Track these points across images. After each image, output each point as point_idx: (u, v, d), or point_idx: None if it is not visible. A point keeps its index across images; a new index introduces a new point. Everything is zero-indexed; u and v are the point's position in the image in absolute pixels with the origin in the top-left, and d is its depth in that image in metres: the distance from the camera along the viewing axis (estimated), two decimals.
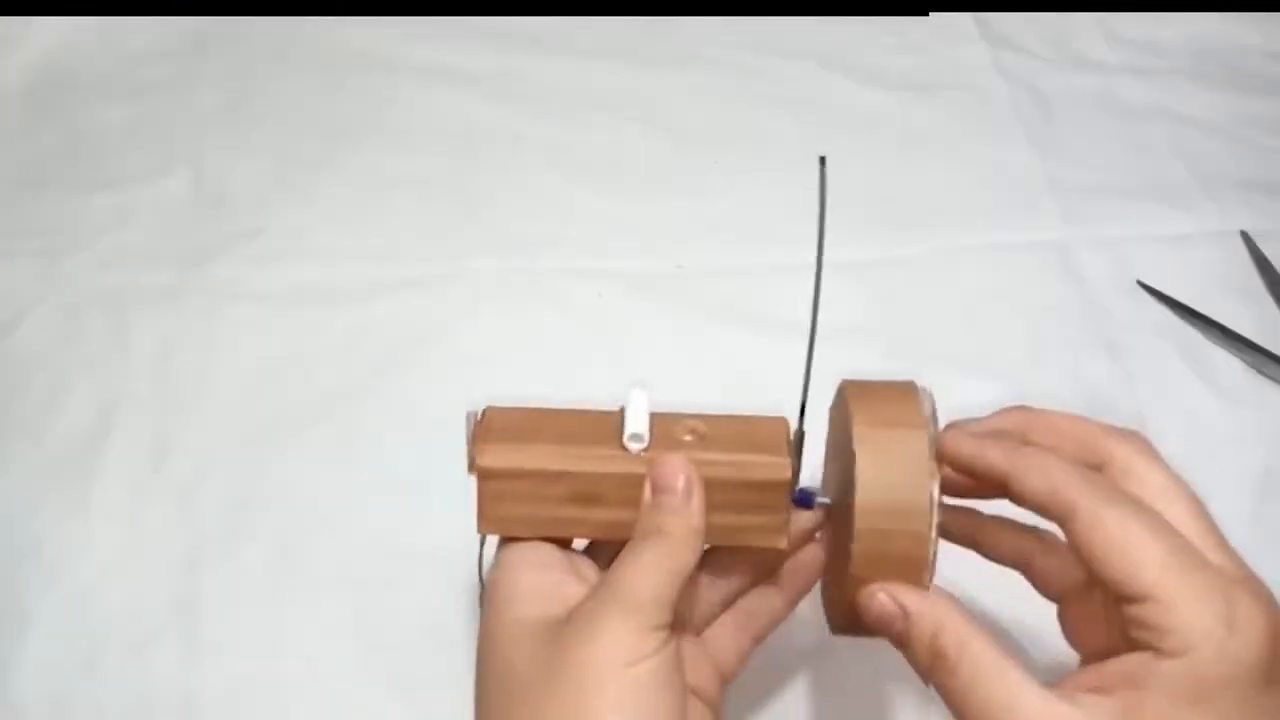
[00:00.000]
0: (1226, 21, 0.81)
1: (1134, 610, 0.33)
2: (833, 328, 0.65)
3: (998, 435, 0.39)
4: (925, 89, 0.78)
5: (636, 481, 0.38)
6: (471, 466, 0.39)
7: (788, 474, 0.38)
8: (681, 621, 0.39)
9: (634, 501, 0.38)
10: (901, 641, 0.36)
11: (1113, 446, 0.37)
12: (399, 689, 0.51)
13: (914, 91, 0.77)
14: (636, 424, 0.39)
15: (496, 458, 0.39)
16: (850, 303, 0.65)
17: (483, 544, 0.41)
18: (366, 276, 0.67)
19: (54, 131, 0.76)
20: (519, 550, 0.39)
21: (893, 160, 0.73)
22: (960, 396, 0.61)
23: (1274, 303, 0.65)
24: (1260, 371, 0.61)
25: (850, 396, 0.39)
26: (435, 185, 0.72)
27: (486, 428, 0.40)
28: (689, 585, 0.39)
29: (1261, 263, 0.66)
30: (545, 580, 0.38)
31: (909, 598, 0.36)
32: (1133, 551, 0.33)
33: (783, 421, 0.40)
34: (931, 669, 0.35)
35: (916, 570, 0.36)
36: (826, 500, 0.40)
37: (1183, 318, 0.64)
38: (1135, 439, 0.37)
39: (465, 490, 0.44)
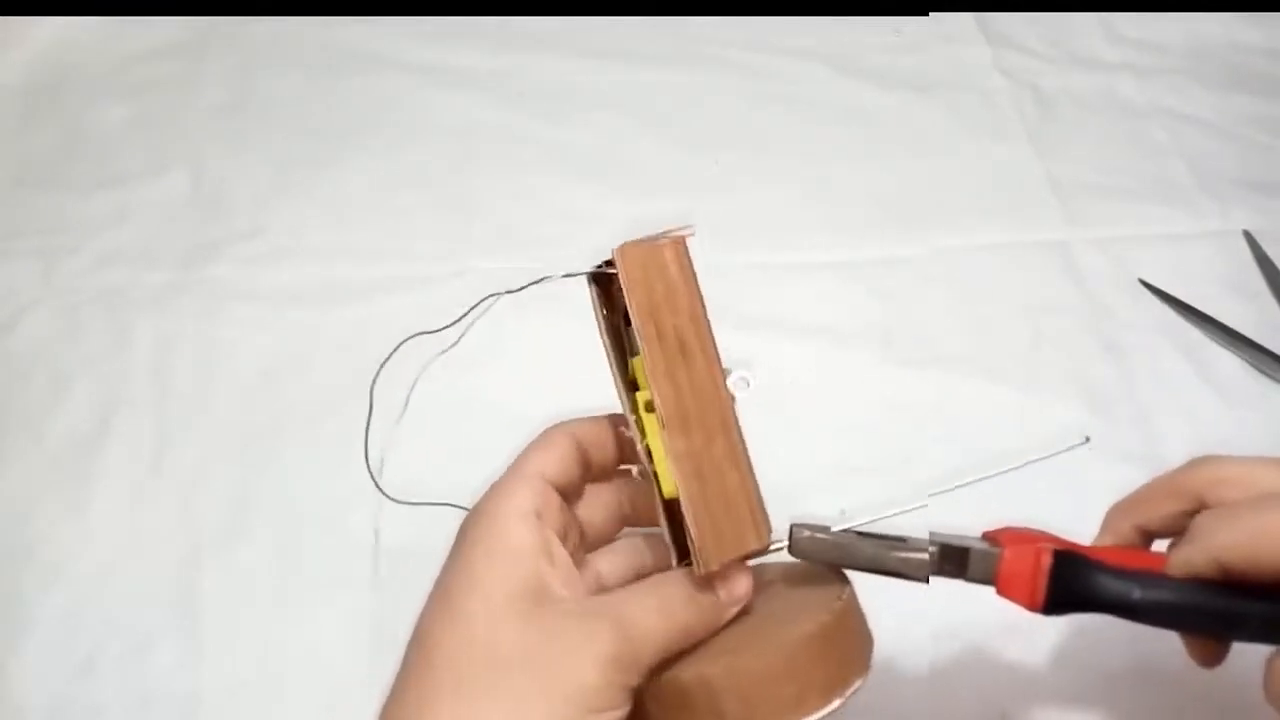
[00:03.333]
0: (1226, 21, 0.81)
1: None
2: (833, 327, 0.66)
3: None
4: (925, 89, 0.78)
5: (716, 390, 0.38)
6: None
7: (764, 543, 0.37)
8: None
9: (700, 398, 0.37)
10: None
11: (1187, 482, 0.39)
12: None
13: (914, 91, 0.77)
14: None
15: (686, 253, 0.40)
16: (850, 302, 0.65)
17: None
18: (366, 276, 0.67)
19: (54, 131, 0.76)
20: (520, 491, 0.37)
21: (893, 160, 0.73)
22: (960, 396, 0.62)
23: (1275, 302, 0.64)
24: (1261, 371, 0.61)
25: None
26: (435, 185, 0.72)
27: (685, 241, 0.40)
28: None
29: (1263, 262, 0.66)
30: (541, 536, 0.36)
31: None
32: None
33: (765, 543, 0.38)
34: None
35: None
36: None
37: (1184, 317, 0.64)
38: (1198, 464, 0.39)
39: (465, 490, 0.44)
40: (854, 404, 0.60)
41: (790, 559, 0.38)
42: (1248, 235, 0.68)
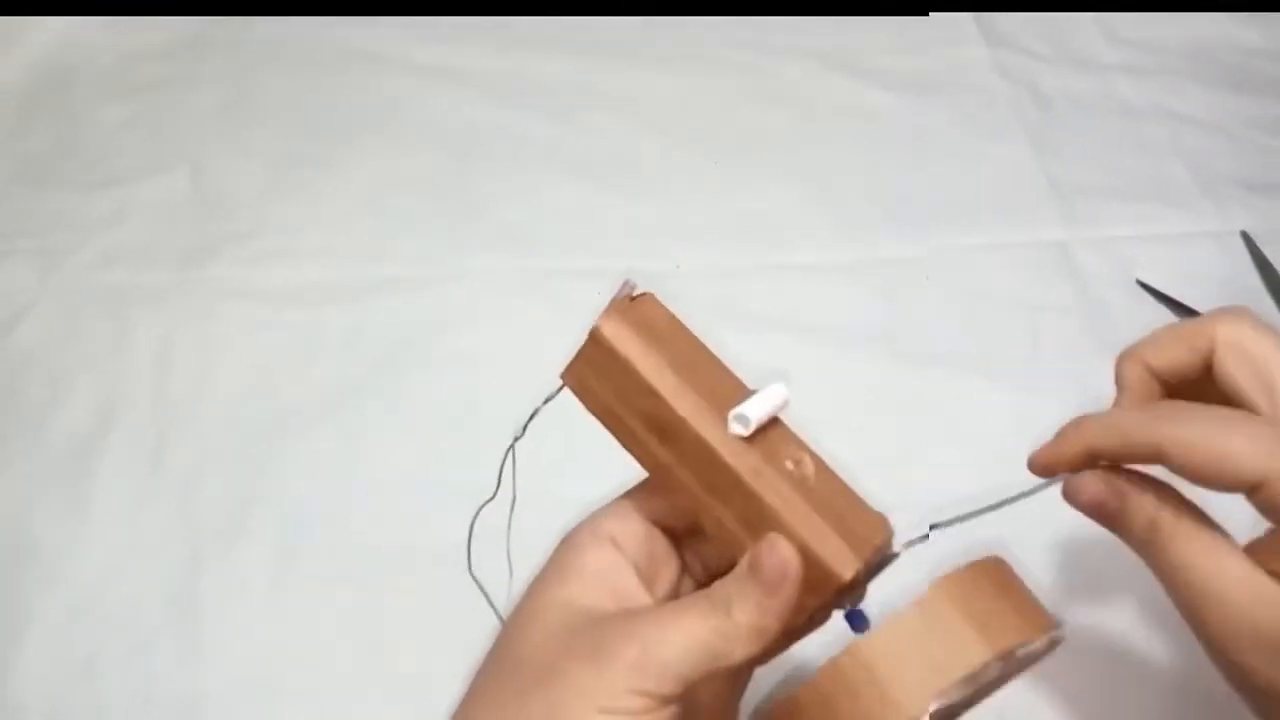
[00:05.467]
0: (1226, 21, 0.82)
1: (1258, 500, 0.34)
2: (833, 327, 0.66)
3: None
4: (925, 89, 0.78)
5: (712, 456, 0.34)
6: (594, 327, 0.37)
7: (847, 577, 0.33)
8: (698, 711, 0.35)
9: (705, 472, 0.35)
10: (1114, 520, 0.37)
11: (1214, 329, 0.39)
12: (399, 689, 0.51)
13: (914, 91, 0.77)
14: (752, 410, 0.35)
15: (616, 334, 0.36)
16: (850, 302, 0.65)
17: (547, 400, 0.39)
18: (365, 276, 0.67)
19: (53, 130, 0.76)
20: (605, 521, 0.36)
21: (893, 160, 0.73)
22: (960, 396, 0.62)
23: (1273, 303, 0.65)
24: None
25: (973, 571, 0.33)
26: (435, 185, 0.72)
27: (628, 307, 0.38)
28: (731, 680, 0.36)
29: (1261, 263, 0.66)
30: (611, 563, 0.35)
31: (1124, 485, 0.37)
32: (1222, 456, 0.34)
33: (884, 524, 0.35)
34: (1147, 543, 0.36)
35: None
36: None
37: (1182, 317, 0.64)
38: (1234, 313, 0.39)
39: (464, 490, 0.44)
40: (853, 404, 0.60)
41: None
42: (1245, 236, 0.68)
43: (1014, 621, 0.32)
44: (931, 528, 0.35)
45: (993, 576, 0.33)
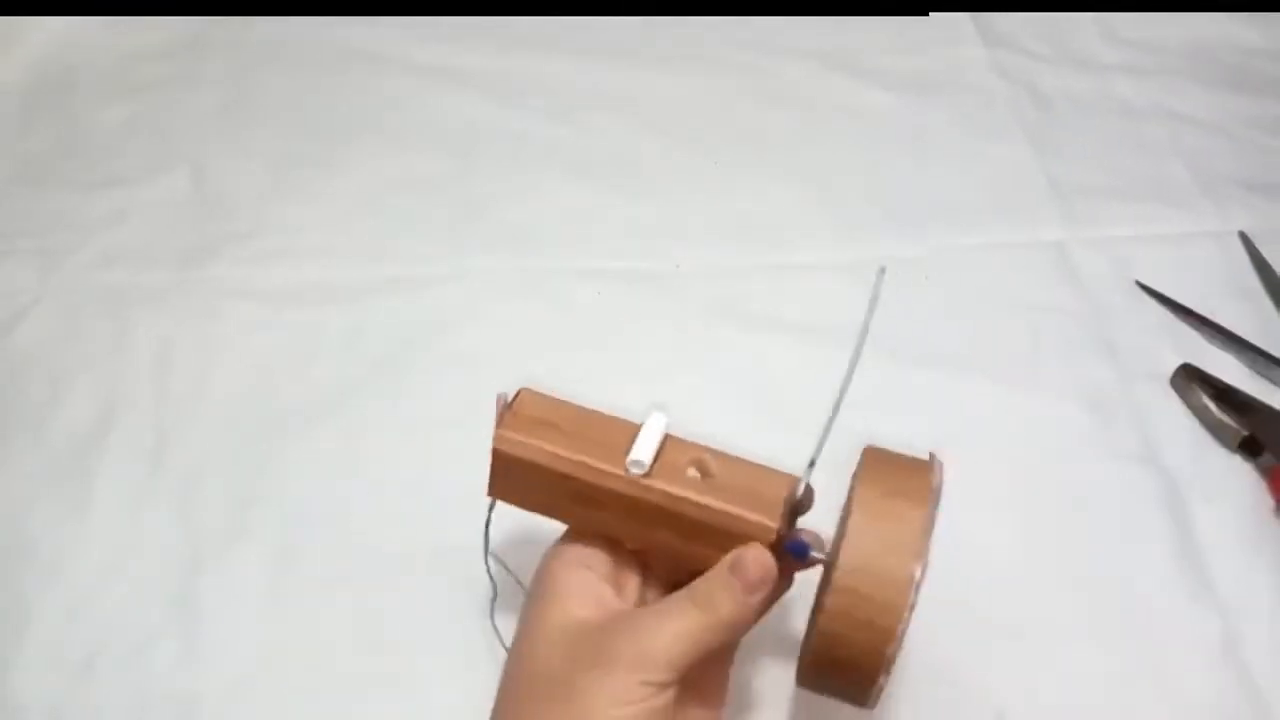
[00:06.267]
0: (1226, 21, 0.82)
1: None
2: (833, 327, 0.65)
3: None
4: (925, 89, 0.78)
5: (631, 501, 0.40)
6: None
7: (771, 538, 0.39)
8: (694, 688, 0.40)
9: (632, 514, 0.40)
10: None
11: None
12: (399, 689, 0.51)
13: (914, 91, 0.78)
14: (642, 450, 0.40)
15: (512, 445, 0.41)
16: (850, 303, 0.65)
17: (490, 509, 0.44)
18: (366, 276, 0.67)
19: (54, 130, 0.76)
20: (569, 550, 0.42)
21: (892, 160, 0.73)
22: (960, 396, 0.62)
23: (1272, 304, 0.65)
24: (1258, 372, 0.61)
25: (865, 463, 0.40)
26: (435, 185, 0.72)
27: (514, 412, 0.42)
28: (718, 663, 0.42)
29: (1260, 264, 0.66)
30: (587, 581, 0.41)
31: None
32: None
33: (791, 481, 0.40)
34: None
35: (883, 639, 0.36)
36: (821, 556, 0.40)
37: (1181, 318, 0.64)
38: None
39: (464, 489, 0.44)
40: (852, 403, 0.60)
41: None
42: (1244, 237, 0.68)
43: (917, 475, 0.39)
44: (811, 463, 0.40)
45: (878, 457, 0.40)
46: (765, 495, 0.40)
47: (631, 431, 0.41)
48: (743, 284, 0.66)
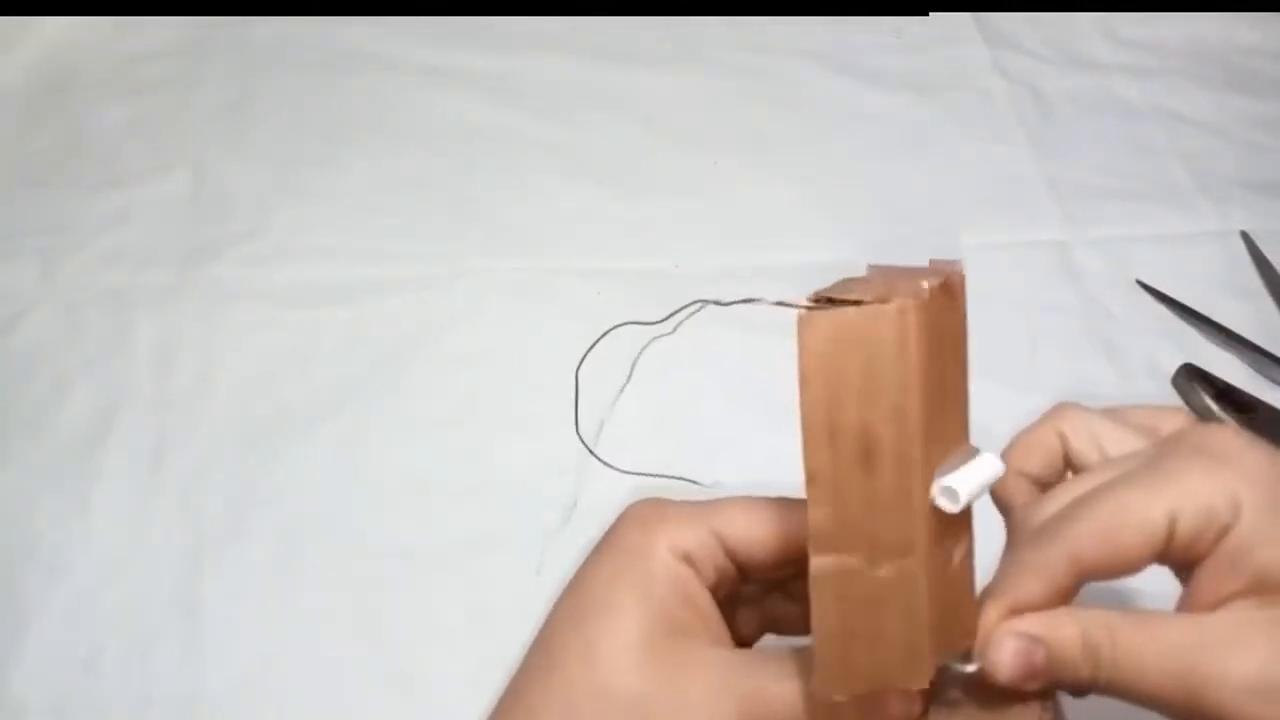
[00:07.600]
0: (1226, 21, 0.81)
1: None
2: None
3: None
4: (925, 89, 0.78)
5: (900, 517, 0.29)
6: None
7: (917, 686, 0.30)
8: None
9: (874, 509, 0.29)
10: (1049, 672, 0.31)
11: (1047, 438, 0.38)
12: (399, 689, 0.51)
13: (914, 91, 0.78)
14: (964, 485, 0.29)
15: (914, 327, 0.30)
16: None
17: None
18: (366, 276, 0.67)
19: (54, 131, 0.76)
20: (676, 533, 0.33)
21: (892, 160, 0.73)
22: None
23: (1273, 303, 0.65)
24: (1259, 372, 0.61)
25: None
26: (435, 185, 0.72)
27: (934, 297, 0.33)
28: None
29: (1261, 263, 0.66)
30: (683, 578, 0.33)
31: (1035, 623, 0.31)
32: (1121, 537, 0.32)
33: (969, 633, 0.32)
34: (1094, 680, 0.31)
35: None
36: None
37: (1182, 318, 0.64)
38: (1070, 407, 0.38)
39: (464, 489, 0.44)
40: None
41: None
42: (1245, 236, 0.68)
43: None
44: None
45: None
46: (953, 628, 0.31)
47: (963, 437, 0.32)
48: (743, 284, 0.66)
